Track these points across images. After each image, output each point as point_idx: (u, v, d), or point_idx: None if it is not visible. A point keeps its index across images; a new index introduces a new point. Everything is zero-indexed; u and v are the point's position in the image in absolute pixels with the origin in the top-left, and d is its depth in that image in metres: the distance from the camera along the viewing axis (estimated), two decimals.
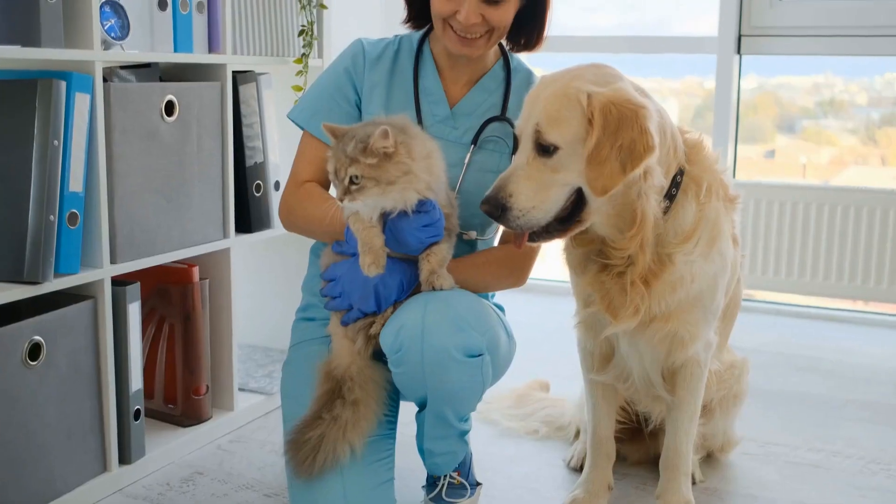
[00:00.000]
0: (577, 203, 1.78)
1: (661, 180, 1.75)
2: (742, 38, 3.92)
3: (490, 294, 2.17)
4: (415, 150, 1.76)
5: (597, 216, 1.79)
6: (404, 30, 2.15)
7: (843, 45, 3.81)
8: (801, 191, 3.88)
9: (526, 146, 1.77)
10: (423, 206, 1.76)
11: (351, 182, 1.71)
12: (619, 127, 1.66)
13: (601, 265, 1.87)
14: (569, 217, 1.79)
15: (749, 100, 4.36)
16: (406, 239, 1.77)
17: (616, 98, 1.68)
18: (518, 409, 2.65)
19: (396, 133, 1.73)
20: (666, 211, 1.81)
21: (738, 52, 3.95)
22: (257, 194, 2.60)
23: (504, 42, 2.11)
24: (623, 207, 1.77)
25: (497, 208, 1.74)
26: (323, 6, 2.78)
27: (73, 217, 2.03)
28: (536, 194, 1.73)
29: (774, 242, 3.92)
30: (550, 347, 3.32)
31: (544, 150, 1.73)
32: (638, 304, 1.83)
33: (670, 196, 1.82)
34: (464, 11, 1.90)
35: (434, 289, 1.81)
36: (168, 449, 2.34)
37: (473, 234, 2.06)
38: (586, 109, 1.68)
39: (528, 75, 2.12)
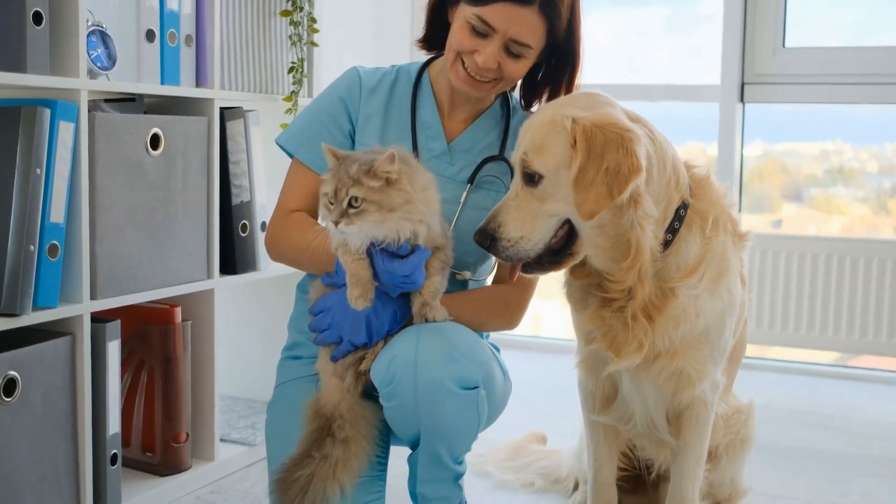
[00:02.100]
0: (569, 235, 1.84)
1: (652, 209, 1.80)
2: (745, 85, 4.04)
3: (485, 335, 2.21)
4: (415, 181, 1.82)
5: (590, 248, 1.85)
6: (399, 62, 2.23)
7: (849, 92, 3.92)
8: (807, 242, 3.96)
9: (517, 176, 1.85)
10: (402, 251, 1.81)
11: (350, 205, 1.76)
12: (604, 150, 1.73)
13: (602, 300, 1.92)
14: (561, 249, 1.86)
15: (755, 167, 4.42)
16: (380, 278, 1.82)
17: (601, 121, 1.76)
18: (513, 461, 2.67)
19: (399, 161, 1.79)
20: (668, 244, 1.87)
21: (742, 100, 4.06)
22: (243, 234, 2.65)
23: (521, 103, 2.18)
24: (617, 238, 1.83)
25: (487, 238, 1.83)
26: (314, 44, 2.87)
27: (53, 249, 2.08)
28: (524, 224, 1.81)
29: (781, 296, 3.98)
30: (547, 405, 3.35)
31: (530, 179, 1.81)
32: (642, 339, 1.87)
33: (673, 230, 1.88)
34: (483, 55, 1.96)
35: (427, 321, 1.86)
36: (145, 498, 2.35)
37: (467, 275, 2.10)
38: (570, 134, 1.76)
39: (527, 115, 2.19)
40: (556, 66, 2.09)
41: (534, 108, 2.16)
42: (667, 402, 2.01)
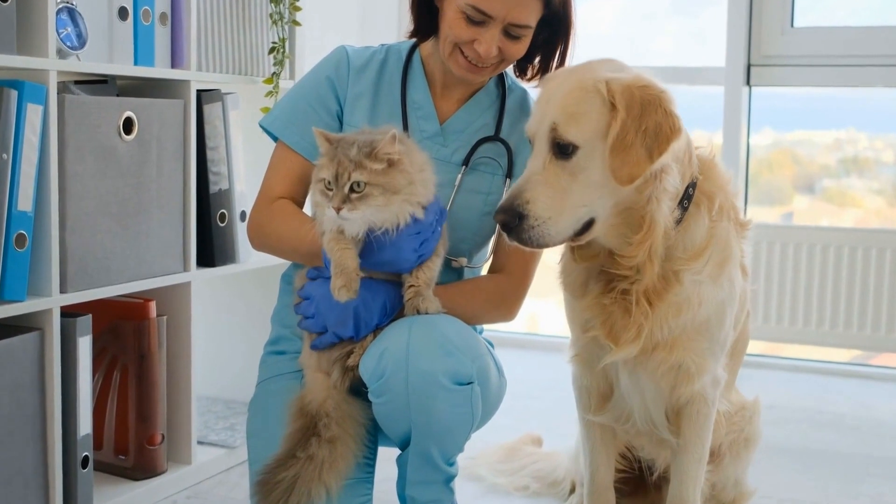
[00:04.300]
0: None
1: (676, 182, 1.84)
2: (752, 67, 4.06)
3: (479, 329, 2.23)
4: (414, 161, 1.85)
5: (602, 227, 1.87)
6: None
7: (861, 75, 3.95)
8: (820, 233, 3.99)
9: (542, 148, 1.83)
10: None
11: (352, 190, 1.77)
12: (643, 111, 1.77)
13: (604, 285, 1.94)
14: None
15: (764, 157, 4.43)
16: (401, 251, 1.84)
17: (636, 82, 1.80)
18: (507, 464, 2.70)
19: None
20: (678, 222, 1.90)
21: (748, 82, 4.08)
22: (221, 224, 2.67)
23: (514, 70, 2.21)
24: (631, 213, 1.85)
25: (514, 217, 1.79)
26: (296, 23, 2.88)
27: (20, 239, 2.10)
28: (555, 203, 1.80)
29: (790, 290, 4.02)
30: (543, 406, 3.38)
31: (562, 150, 1.81)
32: (641, 323, 1.89)
33: (683, 207, 1.91)
34: (485, 44, 1.99)
35: (419, 312, 1.88)
36: (118, 503, 2.37)
37: (464, 261, 2.13)
38: (606, 96, 1.79)
39: (523, 94, 2.22)
40: (550, 32, 2.11)
41: (528, 75, 2.19)
42: (665, 398, 2.04)
